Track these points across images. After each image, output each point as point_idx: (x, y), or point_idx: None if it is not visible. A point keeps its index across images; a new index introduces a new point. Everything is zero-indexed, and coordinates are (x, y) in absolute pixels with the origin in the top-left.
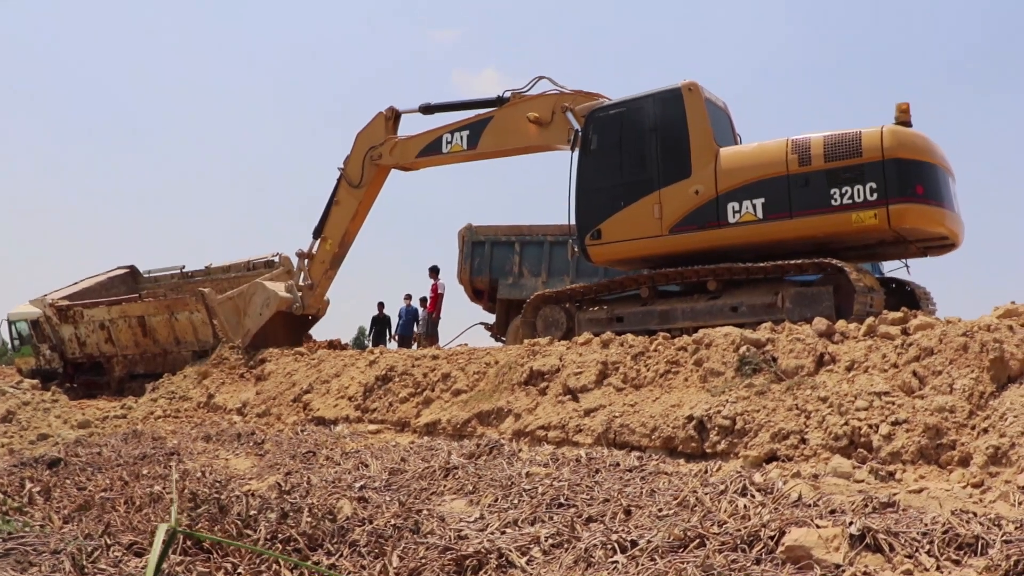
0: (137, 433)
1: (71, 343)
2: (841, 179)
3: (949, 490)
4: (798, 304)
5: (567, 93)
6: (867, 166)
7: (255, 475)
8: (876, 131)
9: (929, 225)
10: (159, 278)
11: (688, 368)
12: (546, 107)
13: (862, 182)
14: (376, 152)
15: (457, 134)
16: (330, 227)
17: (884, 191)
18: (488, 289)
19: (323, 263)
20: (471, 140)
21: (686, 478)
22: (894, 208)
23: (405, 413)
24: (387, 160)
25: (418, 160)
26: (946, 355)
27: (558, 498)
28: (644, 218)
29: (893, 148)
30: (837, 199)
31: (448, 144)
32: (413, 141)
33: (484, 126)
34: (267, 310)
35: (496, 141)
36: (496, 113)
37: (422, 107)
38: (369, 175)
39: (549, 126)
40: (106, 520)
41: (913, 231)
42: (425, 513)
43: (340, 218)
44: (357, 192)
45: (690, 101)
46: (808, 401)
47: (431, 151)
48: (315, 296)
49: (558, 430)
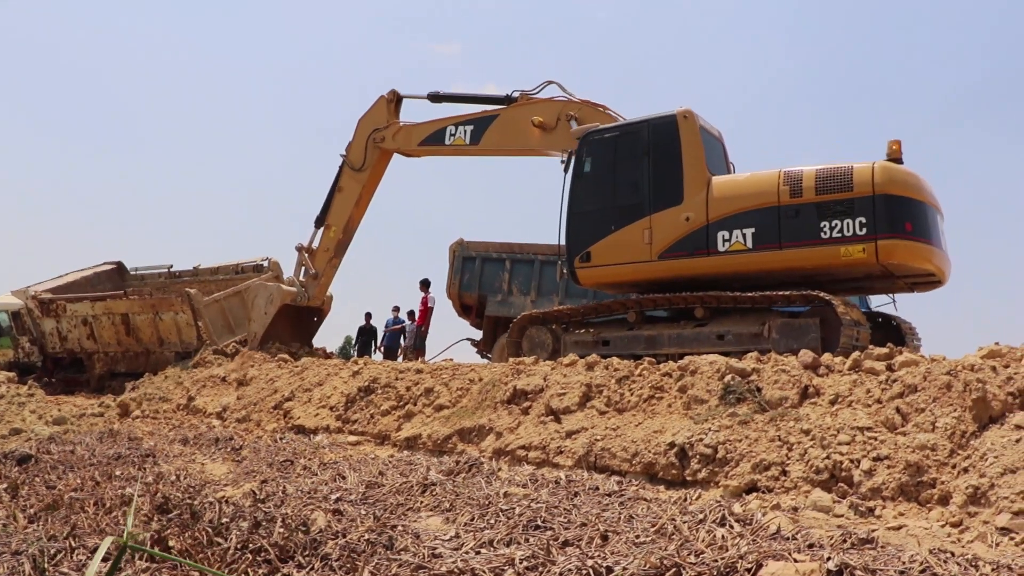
0: (113, 432)
1: (52, 337)
2: (831, 212)
3: (928, 528)
4: (784, 335)
5: (574, 102)
6: (857, 201)
7: (230, 481)
8: (867, 166)
9: (916, 261)
10: (146, 276)
11: (672, 394)
12: (551, 113)
13: (852, 216)
14: (379, 135)
15: (461, 128)
16: (333, 214)
17: (873, 226)
18: (476, 305)
19: (327, 251)
20: (474, 135)
21: (665, 505)
22: (882, 243)
23: (386, 426)
24: (390, 144)
25: (420, 148)
26: (930, 393)
27: (535, 520)
28: (634, 243)
29: (883, 184)
30: (827, 232)
31: (452, 136)
32: (417, 128)
33: (489, 123)
34: (271, 307)
35: (499, 140)
36: (502, 112)
37: (430, 95)
38: (372, 158)
39: (552, 132)
40: (73, 521)
41: (900, 267)
42: (400, 529)
43: (343, 204)
44: (360, 176)
45: (685, 128)
46: (791, 433)
47: (434, 141)
48: (320, 286)
49: (539, 451)
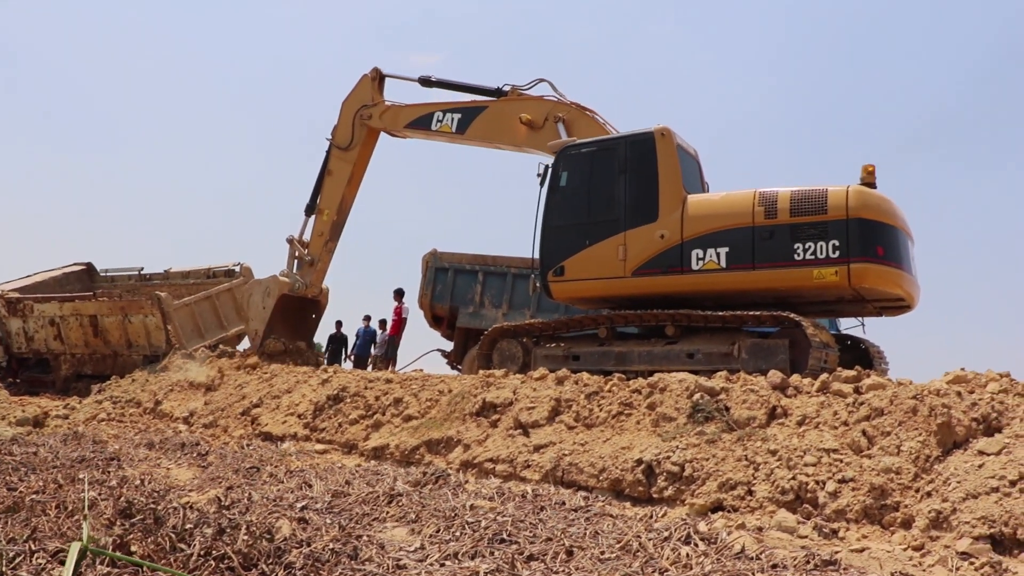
0: (78, 435)
1: (18, 337)
2: (805, 234)
3: (890, 551)
4: (754, 355)
5: (564, 103)
6: (831, 224)
7: (196, 487)
8: (842, 190)
9: (887, 286)
10: (116, 278)
11: (641, 411)
12: (540, 112)
13: (825, 239)
14: (367, 112)
15: (449, 115)
16: (325, 198)
17: (846, 249)
18: (448, 316)
19: (322, 235)
20: (461, 124)
21: (631, 522)
22: (855, 267)
23: (354, 435)
24: (376, 123)
25: (406, 130)
26: (896, 416)
27: (501, 533)
28: (608, 258)
29: (857, 208)
30: (800, 254)
31: (439, 123)
32: (405, 110)
33: (476, 114)
34: (270, 300)
35: (485, 132)
36: (491, 104)
37: (421, 79)
38: (360, 135)
39: (539, 131)
40: (34, 524)
41: (872, 291)
42: (365, 539)
43: (335, 186)
44: (349, 155)
45: (662, 146)
46: (758, 453)
47: (420, 125)
48: (317, 272)
49: (506, 464)
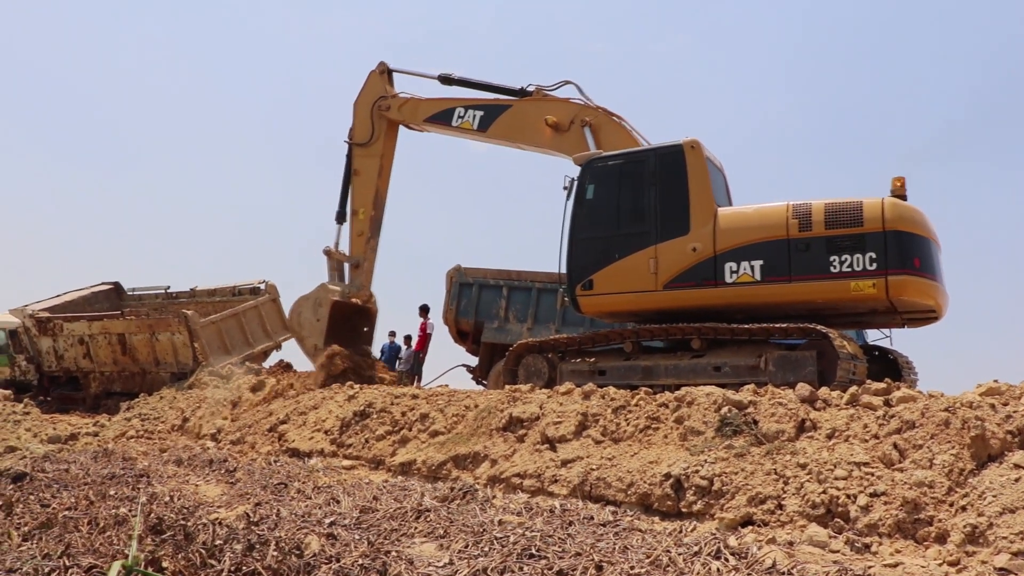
0: (108, 452)
1: (48, 356)
2: (841, 247)
3: (925, 567)
4: (781, 368)
5: (591, 107)
6: (868, 236)
7: (224, 503)
8: (877, 202)
9: (923, 298)
10: (143, 297)
11: (668, 425)
12: (567, 114)
13: (862, 251)
14: (384, 103)
15: (471, 111)
16: (357, 198)
17: (884, 262)
18: (473, 331)
19: (362, 234)
20: (483, 122)
21: (660, 537)
22: (893, 279)
23: (381, 451)
24: (395, 114)
25: (425, 124)
26: (927, 429)
27: (529, 548)
28: (639, 272)
29: (894, 220)
30: (836, 266)
31: (460, 119)
32: (424, 104)
33: (500, 112)
34: (323, 310)
35: (508, 131)
36: (515, 103)
37: (441, 76)
38: (380, 128)
39: (565, 134)
40: (67, 540)
41: (909, 303)
42: (394, 555)
43: (365, 184)
44: (373, 149)
45: (692, 158)
46: (787, 467)
47: (440, 120)
48: (365, 272)
49: (534, 479)
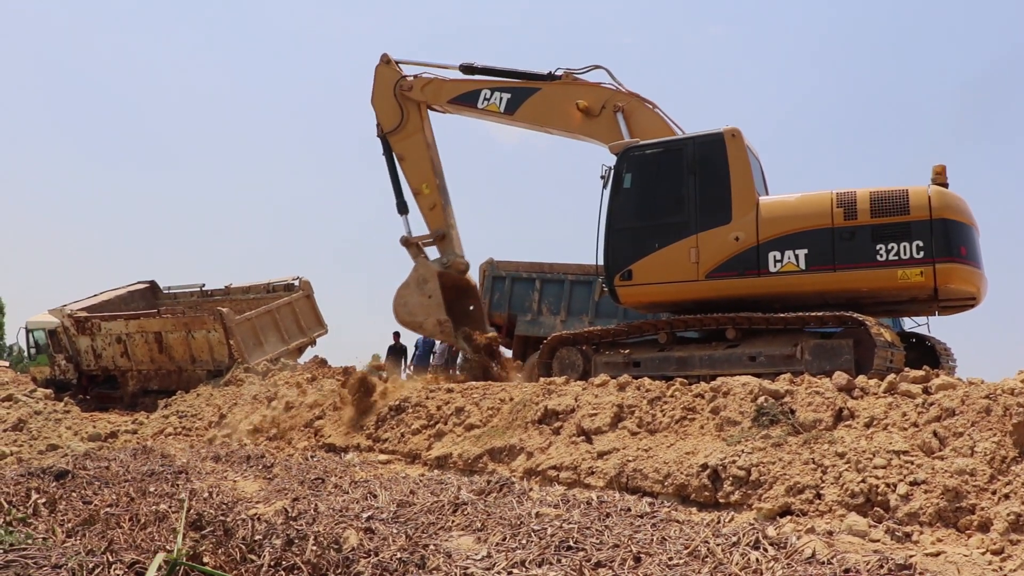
0: (147, 449)
1: (87, 355)
2: (887, 235)
3: (967, 556)
4: (817, 356)
5: (622, 92)
6: (914, 224)
7: (262, 499)
8: (923, 190)
9: (967, 285)
10: (179, 295)
11: (704, 416)
12: (598, 99)
13: (909, 240)
14: (406, 83)
15: (498, 94)
16: (414, 179)
17: (931, 250)
18: (506, 325)
19: (435, 206)
20: (511, 105)
21: (698, 527)
22: (940, 267)
23: (416, 445)
24: (418, 94)
25: (449, 105)
26: (968, 417)
27: (567, 540)
28: (679, 262)
29: (940, 208)
30: (883, 255)
31: (486, 101)
32: (448, 84)
33: (528, 95)
34: (429, 285)
35: (536, 115)
36: (544, 86)
37: (463, 66)
38: (408, 108)
39: (595, 119)
40: (110, 536)
41: (954, 290)
42: (432, 548)
43: (416, 163)
44: (409, 129)
45: (732, 147)
46: (825, 456)
47: (465, 101)
48: (454, 242)
49: (570, 471)
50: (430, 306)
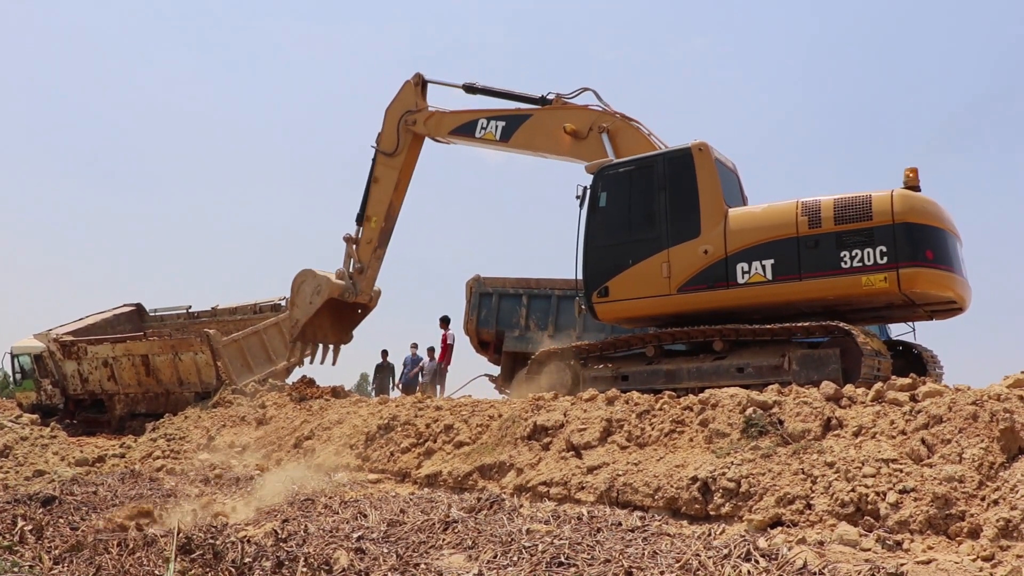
0: (135, 473)
1: (73, 379)
2: (851, 242)
3: (958, 562)
4: (805, 366)
5: (608, 113)
6: (877, 229)
7: (252, 521)
8: (886, 195)
9: (938, 289)
10: (165, 317)
11: (693, 428)
12: (585, 121)
13: (872, 245)
14: (411, 117)
15: (493, 122)
16: (372, 205)
17: (895, 255)
18: (494, 341)
19: (370, 243)
20: (505, 132)
21: (689, 540)
22: (904, 272)
23: (406, 463)
24: (420, 128)
25: (450, 136)
26: (955, 424)
27: (558, 556)
28: (652, 276)
29: (903, 212)
30: (847, 262)
31: (483, 130)
32: (449, 116)
33: (521, 122)
34: (318, 298)
35: (529, 140)
36: (536, 112)
37: (465, 86)
38: (404, 141)
39: (583, 141)
40: (98, 563)
41: (923, 295)
42: (423, 567)
43: (381, 193)
44: (395, 161)
45: (700, 161)
46: (815, 466)
47: (464, 132)
48: (367, 279)
49: (560, 487)
50: (305, 309)
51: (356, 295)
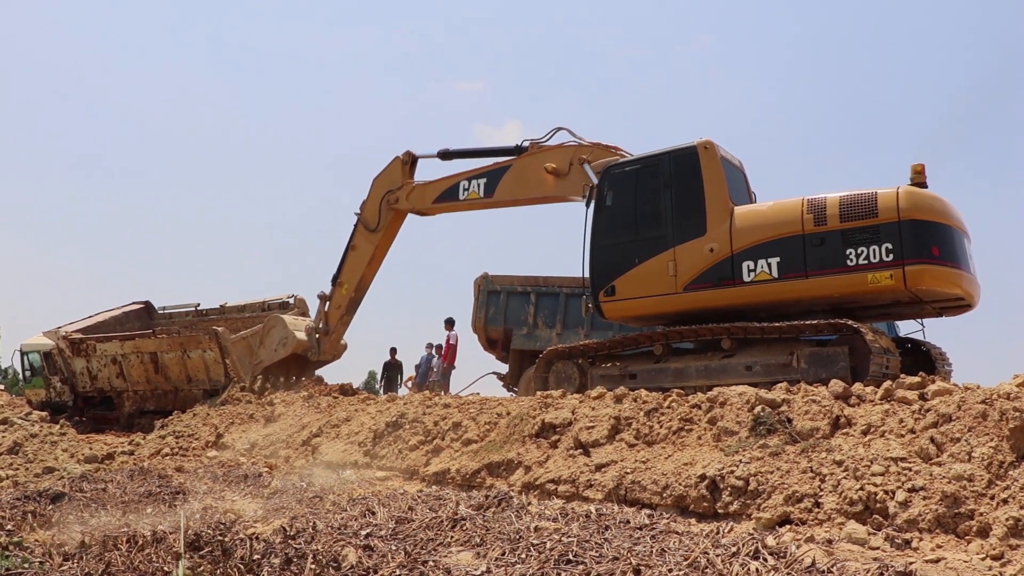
0: (143, 470)
1: (82, 376)
2: (857, 239)
3: (967, 561)
4: (813, 364)
5: (585, 145)
6: (883, 227)
7: (260, 518)
8: (892, 192)
9: (945, 286)
10: (174, 315)
11: (702, 426)
12: (564, 158)
13: (878, 243)
14: (393, 196)
15: (475, 181)
16: (346, 272)
17: (900, 252)
18: (502, 339)
19: (339, 308)
20: (488, 188)
21: (697, 538)
22: (910, 269)
23: (414, 461)
24: (404, 204)
25: (434, 206)
26: (965, 422)
27: (566, 554)
28: (658, 275)
29: (909, 209)
30: (853, 259)
31: (465, 191)
32: (431, 186)
33: (502, 175)
34: (283, 349)
35: (513, 190)
36: (514, 162)
37: (440, 153)
38: (386, 219)
39: (566, 177)
40: (107, 559)
41: (929, 292)
42: (431, 564)
43: (356, 263)
44: (374, 236)
45: (705, 159)
46: (823, 464)
47: (448, 197)
48: (330, 342)
49: (568, 484)
50: (270, 355)
51: (318, 355)
